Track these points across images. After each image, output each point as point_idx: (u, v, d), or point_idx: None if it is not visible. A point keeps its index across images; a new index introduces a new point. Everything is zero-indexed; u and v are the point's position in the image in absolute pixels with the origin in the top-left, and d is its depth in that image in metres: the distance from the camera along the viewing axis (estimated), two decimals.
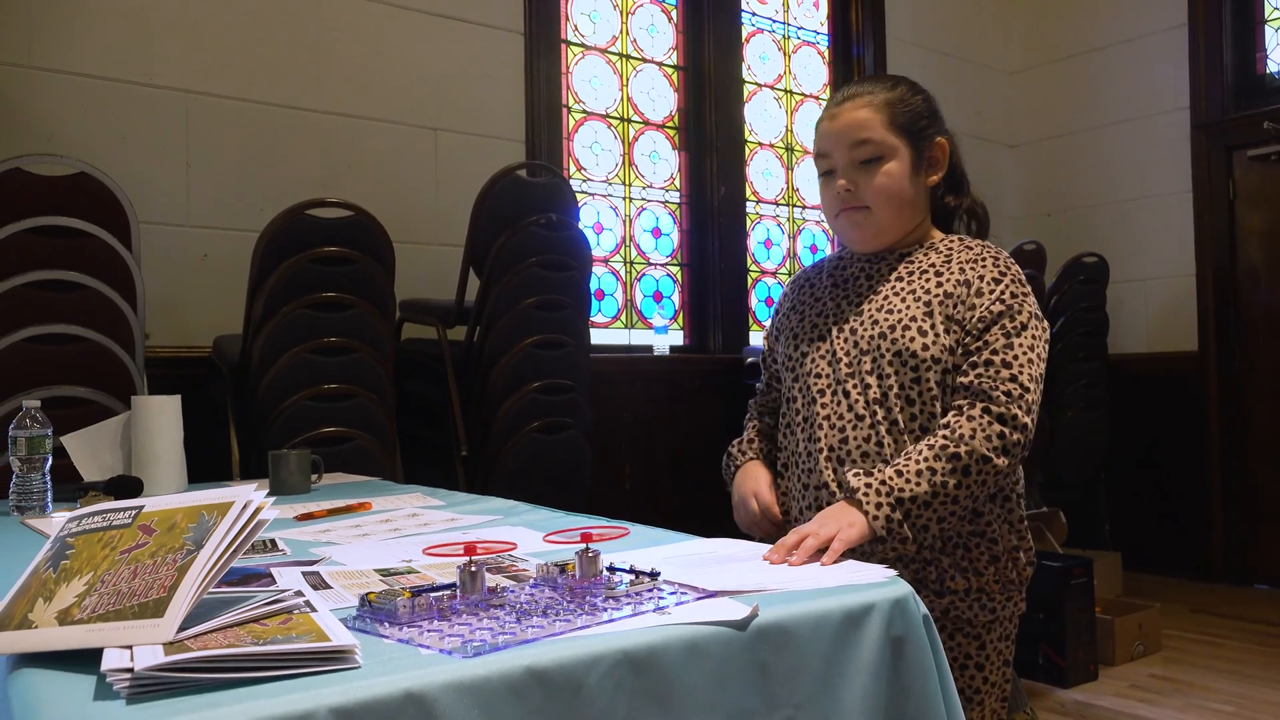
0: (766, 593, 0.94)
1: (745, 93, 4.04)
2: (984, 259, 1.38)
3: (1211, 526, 4.16)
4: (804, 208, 4.23)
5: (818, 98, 4.32)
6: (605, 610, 0.86)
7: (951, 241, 1.44)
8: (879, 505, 1.22)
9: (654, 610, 0.86)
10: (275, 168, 2.81)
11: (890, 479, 1.24)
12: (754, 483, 1.47)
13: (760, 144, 4.10)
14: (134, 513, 0.86)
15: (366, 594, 0.86)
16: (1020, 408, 1.27)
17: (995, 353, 1.30)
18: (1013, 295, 1.33)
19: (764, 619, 0.86)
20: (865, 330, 1.38)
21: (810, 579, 1.00)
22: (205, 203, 2.71)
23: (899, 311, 1.36)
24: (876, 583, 0.97)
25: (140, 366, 2.19)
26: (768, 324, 1.62)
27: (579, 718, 0.75)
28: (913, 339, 1.33)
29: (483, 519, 1.46)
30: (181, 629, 0.71)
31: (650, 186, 3.79)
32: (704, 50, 3.91)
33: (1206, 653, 3.23)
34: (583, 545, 0.97)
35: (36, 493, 1.55)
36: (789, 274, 4.15)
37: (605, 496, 3.08)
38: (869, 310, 1.40)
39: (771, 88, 4.17)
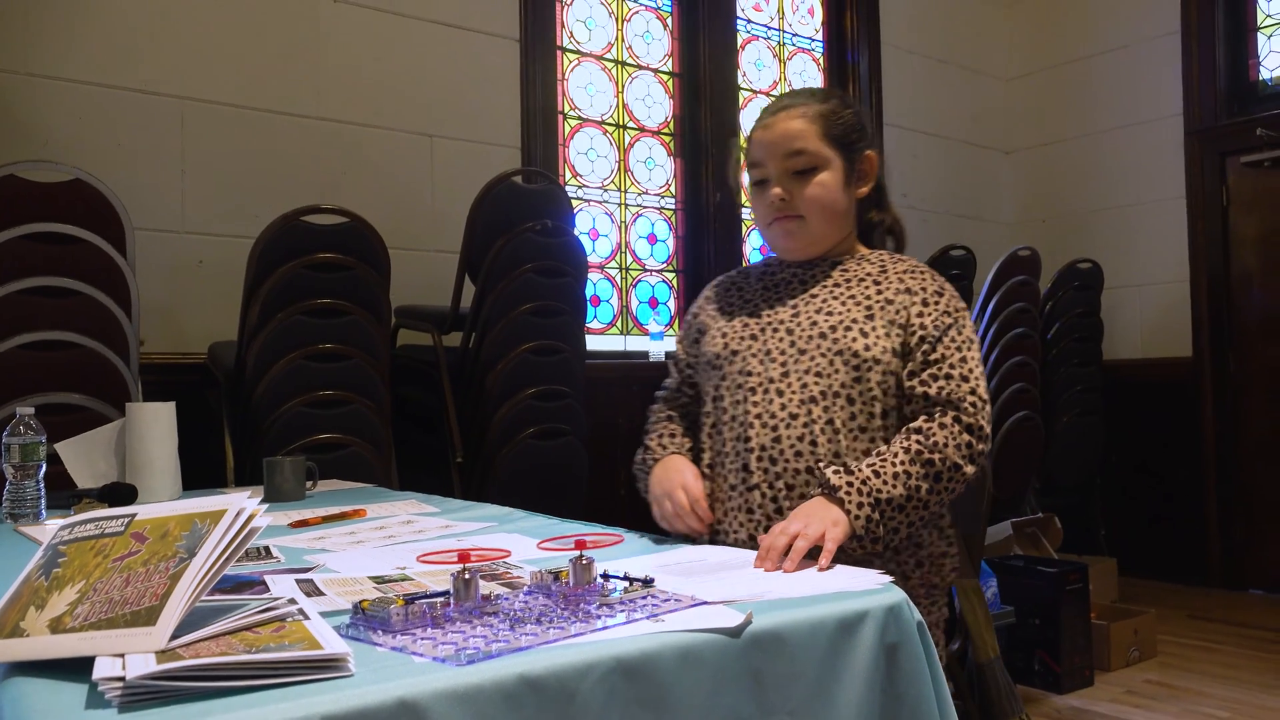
0: (760, 600, 0.94)
1: (740, 99, 4.05)
2: (920, 271, 1.43)
3: (1207, 532, 4.16)
4: None
5: None
6: (599, 618, 0.86)
7: (881, 254, 1.49)
8: (860, 505, 1.22)
9: (648, 618, 0.86)
10: (271, 174, 2.81)
11: (869, 479, 1.24)
12: (680, 475, 1.37)
13: None
14: (126, 521, 0.85)
15: (360, 601, 0.86)
16: (984, 418, 1.31)
17: (953, 366, 1.33)
18: (957, 309, 1.39)
19: (758, 626, 0.86)
20: (803, 330, 1.38)
21: (804, 586, 1.00)
22: (200, 209, 2.71)
23: (839, 313, 1.38)
24: (870, 590, 0.98)
25: (135, 373, 2.19)
26: (683, 326, 1.61)
27: None
28: (855, 339, 1.35)
29: (477, 526, 1.46)
30: (174, 637, 0.71)
31: (646, 193, 3.80)
32: (699, 57, 3.92)
33: (1202, 658, 3.24)
34: (577, 553, 0.97)
35: (30, 500, 1.54)
36: None
37: (601, 502, 3.08)
38: (806, 312, 1.41)
39: (767, 94, 4.17)
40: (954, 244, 3.72)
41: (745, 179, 1.52)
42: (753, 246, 4.09)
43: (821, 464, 1.29)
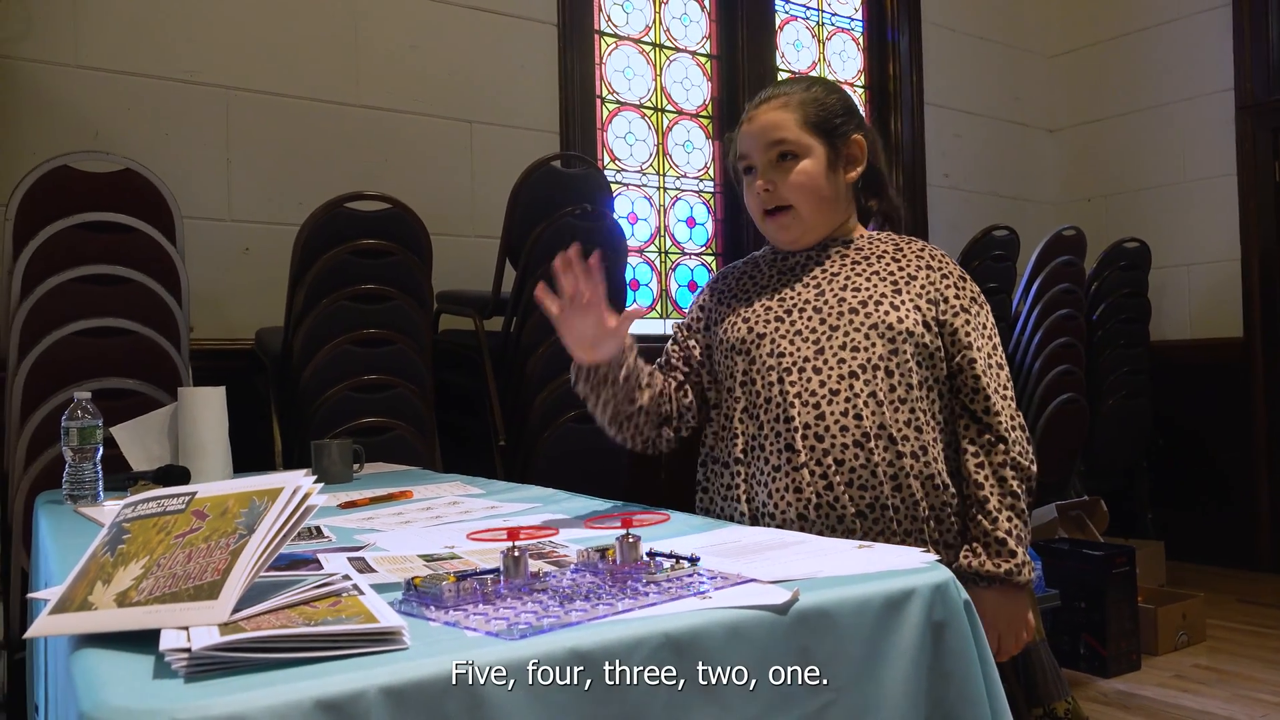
0: (807, 579, 0.94)
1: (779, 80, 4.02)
2: (934, 251, 1.45)
3: (1257, 515, 4.09)
4: None
5: (853, 85, 4.28)
6: (647, 594, 0.87)
7: (889, 234, 1.49)
8: (1023, 576, 1.32)
9: (695, 595, 0.87)
10: (314, 162, 2.85)
11: (1020, 559, 1.33)
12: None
13: None
14: (187, 498, 0.88)
15: (412, 578, 0.87)
16: (1030, 455, 1.39)
17: (996, 391, 1.38)
18: (979, 294, 1.43)
19: (805, 603, 0.87)
20: (832, 308, 1.38)
21: (850, 565, 1.00)
22: (246, 197, 2.75)
23: (865, 289, 1.38)
24: (917, 568, 0.97)
25: (185, 359, 2.23)
26: (687, 316, 1.57)
27: (622, 699, 0.76)
28: (887, 312, 1.35)
29: (523, 506, 1.48)
30: (235, 610, 0.73)
31: (684, 176, 3.79)
32: (737, 39, 3.90)
33: (1252, 643, 3.18)
34: (624, 530, 0.98)
35: (88, 482, 1.58)
36: None
37: (642, 485, 3.09)
38: (831, 290, 1.41)
39: (806, 75, 4.14)
40: (997, 224, 3.67)
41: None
42: None
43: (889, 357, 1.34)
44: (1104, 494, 3.83)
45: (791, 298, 1.43)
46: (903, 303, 1.37)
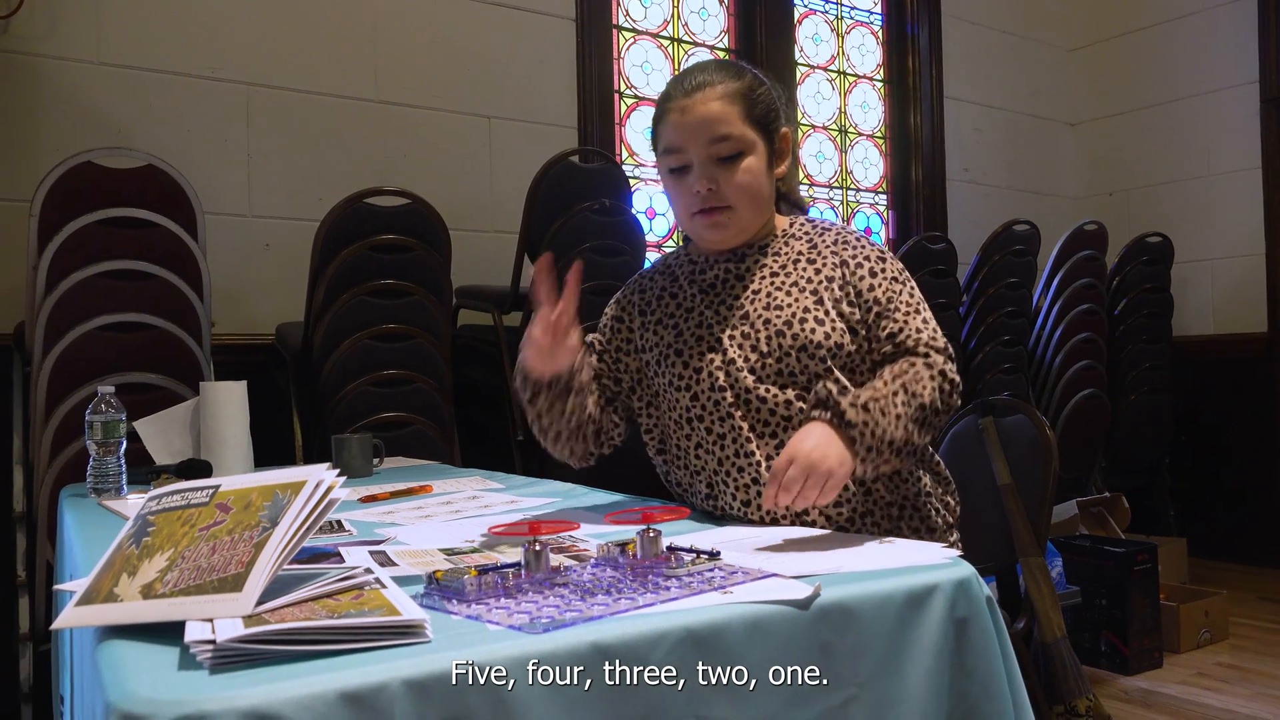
0: (829, 573, 0.94)
1: (798, 75, 4.01)
2: (846, 239, 1.38)
3: None
4: (858, 190, 4.19)
5: (871, 79, 4.26)
6: (668, 589, 0.87)
7: (802, 225, 1.42)
8: (868, 450, 1.18)
9: (716, 589, 0.87)
10: (333, 157, 2.86)
11: (878, 422, 1.19)
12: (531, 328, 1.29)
13: (813, 126, 4.06)
14: (211, 491, 0.88)
15: (434, 572, 0.88)
16: (954, 368, 1.30)
17: (918, 328, 1.31)
18: (899, 270, 1.35)
19: (827, 598, 0.87)
20: (758, 330, 1.32)
21: (872, 560, 1.00)
22: (266, 193, 2.77)
23: (788, 305, 1.32)
24: (939, 564, 0.97)
25: (207, 353, 2.25)
26: (604, 327, 1.48)
27: (644, 693, 0.76)
28: (812, 330, 1.30)
29: (543, 501, 1.48)
30: (259, 603, 0.73)
31: None
32: (756, 33, 3.88)
33: (1276, 640, 3.15)
34: (644, 525, 0.98)
35: (112, 475, 1.60)
36: None
37: (660, 481, 3.09)
38: (754, 309, 1.34)
39: (824, 69, 4.12)
40: (1017, 219, 3.65)
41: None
42: None
43: (822, 375, 1.27)
44: (1125, 490, 3.80)
45: (718, 323, 1.35)
46: (826, 314, 1.31)
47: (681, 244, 1.52)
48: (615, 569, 0.95)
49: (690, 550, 0.98)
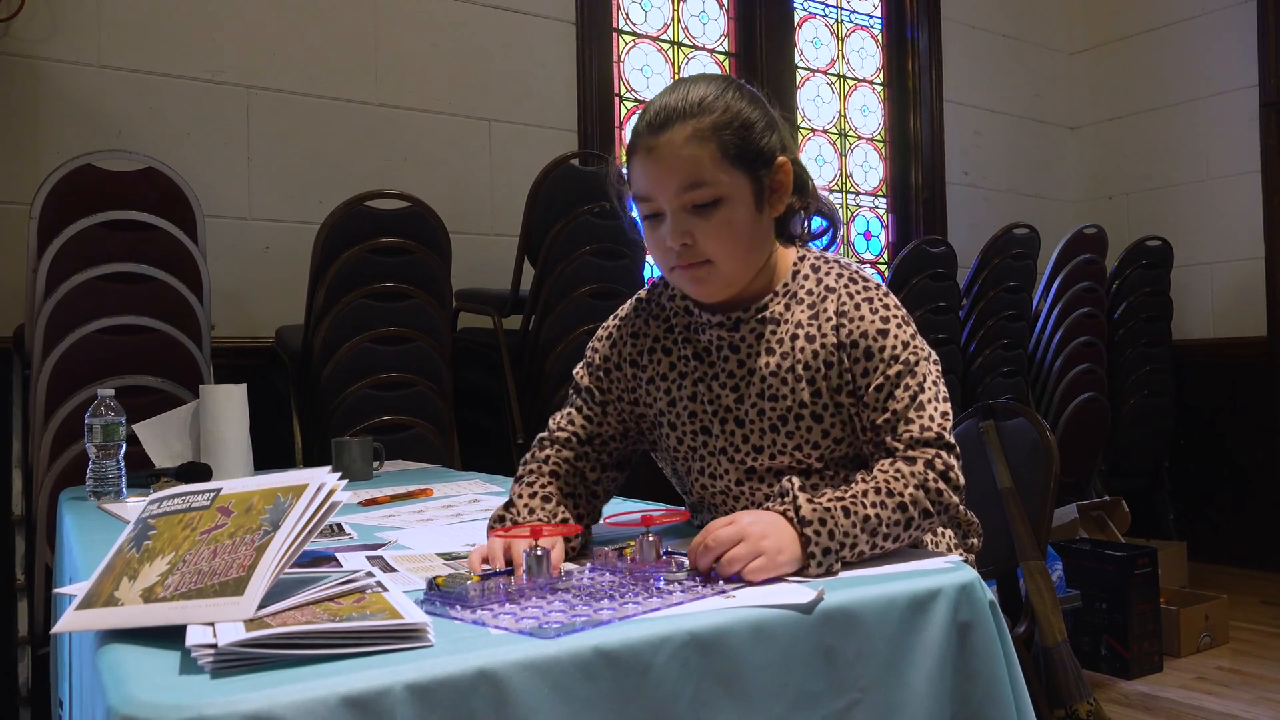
0: (832, 578, 0.94)
1: (798, 79, 4.01)
2: (846, 310, 1.19)
3: None
4: (858, 193, 4.19)
5: (871, 83, 4.26)
6: (672, 593, 0.86)
7: (807, 275, 1.23)
8: (824, 552, 0.98)
9: (719, 594, 0.87)
10: (333, 160, 2.86)
11: (849, 533, 1.01)
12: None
13: (813, 130, 4.07)
14: (212, 495, 0.88)
15: (434, 578, 0.88)
16: (957, 465, 1.14)
17: (907, 411, 1.14)
18: (904, 345, 1.16)
19: (830, 603, 0.86)
20: (754, 422, 1.19)
21: (875, 565, 1.00)
22: (266, 196, 2.77)
23: (785, 397, 1.18)
24: (942, 568, 0.97)
25: (206, 356, 2.24)
26: (595, 353, 1.31)
27: (647, 698, 0.75)
28: (810, 428, 1.18)
29: None
30: (260, 607, 0.73)
31: None
32: (756, 36, 3.88)
33: (1276, 645, 3.15)
34: (644, 529, 0.98)
35: (111, 478, 1.60)
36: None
37: (660, 482, 3.09)
38: (749, 396, 1.20)
39: (824, 73, 4.13)
40: (1018, 222, 3.65)
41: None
42: None
43: (792, 483, 1.07)
44: (1125, 494, 3.80)
45: (710, 399, 1.22)
46: (824, 406, 1.17)
47: None
48: (614, 573, 0.94)
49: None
